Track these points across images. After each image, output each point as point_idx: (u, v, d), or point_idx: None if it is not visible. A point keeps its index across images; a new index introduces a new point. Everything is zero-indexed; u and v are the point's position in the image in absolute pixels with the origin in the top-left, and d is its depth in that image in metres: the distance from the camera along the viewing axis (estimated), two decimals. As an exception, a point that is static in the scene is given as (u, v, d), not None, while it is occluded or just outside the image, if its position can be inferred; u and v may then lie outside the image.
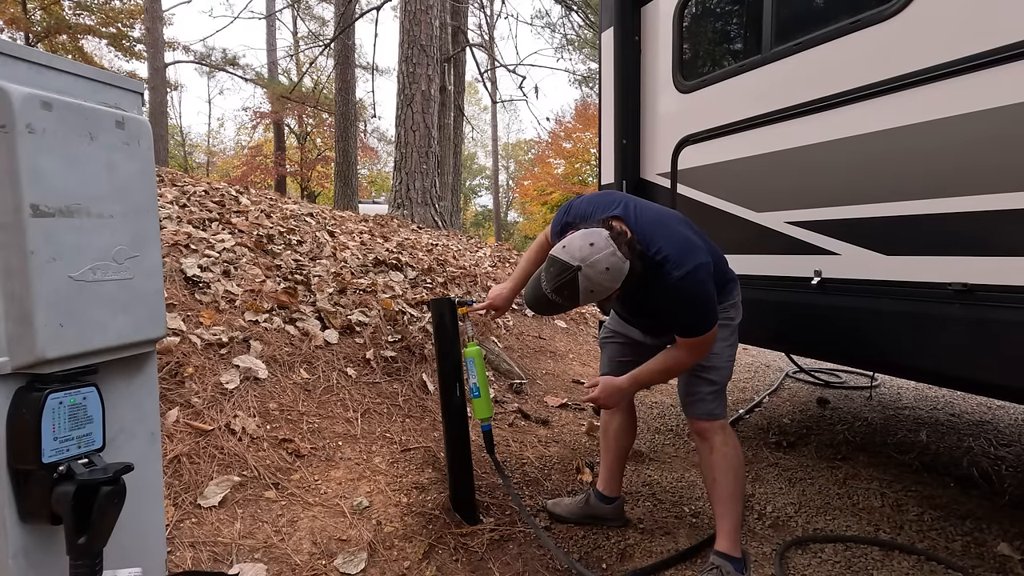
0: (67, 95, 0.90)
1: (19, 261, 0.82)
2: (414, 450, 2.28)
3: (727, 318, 1.76)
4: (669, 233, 1.59)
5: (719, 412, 1.77)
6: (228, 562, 1.55)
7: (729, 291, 1.78)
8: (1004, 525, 2.05)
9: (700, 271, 1.53)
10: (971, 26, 1.56)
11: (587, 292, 1.43)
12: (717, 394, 1.77)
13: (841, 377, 4.23)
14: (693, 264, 1.52)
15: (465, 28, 12.17)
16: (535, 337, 4.17)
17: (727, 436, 1.76)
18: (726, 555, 1.70)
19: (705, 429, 1.77)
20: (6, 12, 13.94)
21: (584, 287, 1.41)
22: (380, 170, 29.94)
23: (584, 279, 1.40)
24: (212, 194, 4.30)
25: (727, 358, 1.78)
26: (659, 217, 1.66)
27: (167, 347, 2.14)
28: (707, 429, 1.76)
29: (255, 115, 22.64)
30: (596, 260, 1.40)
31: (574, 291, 1.42)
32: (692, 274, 1.51)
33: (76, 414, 0.89)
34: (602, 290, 1.45)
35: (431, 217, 7.11)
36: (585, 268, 1.40)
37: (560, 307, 1.51)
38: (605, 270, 1.40)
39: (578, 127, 23.64)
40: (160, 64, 14.48)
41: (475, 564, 1.75)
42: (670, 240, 1.56)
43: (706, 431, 1.77)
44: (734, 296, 1.80)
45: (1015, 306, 1.48)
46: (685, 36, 2.58)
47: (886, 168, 1.78)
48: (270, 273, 3.10)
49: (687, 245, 1.57)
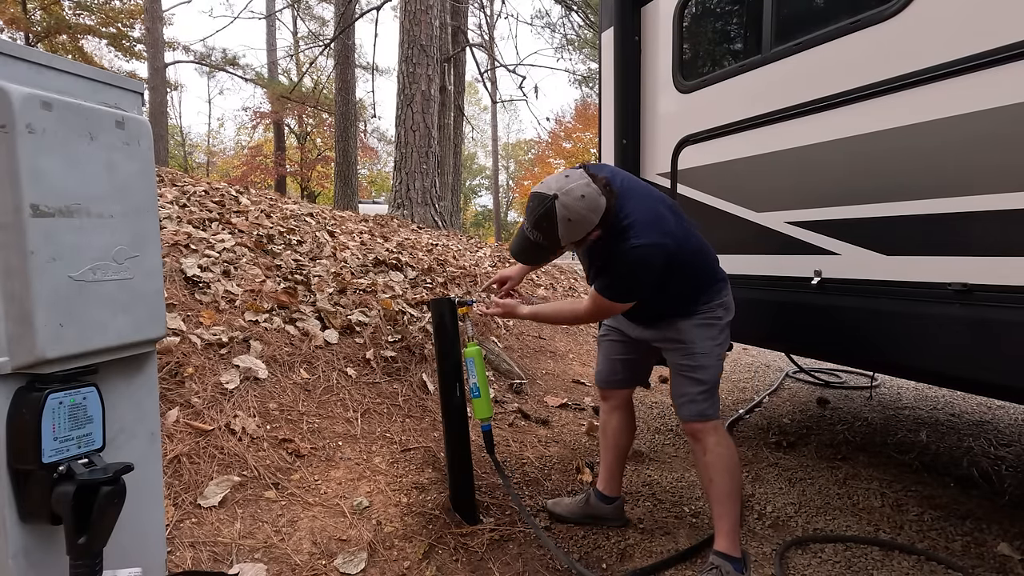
0: (67, 95, 0.90)
1: (19, 261, 0.82)
2: (414, 450, 2.28)
3: (714, 317, 1.75)
4: (644, 206, 1.62)
5: (711, 413, 1.75)
6: (228, 562, 1.55)
7: (718, 290, 1.77)
8: (1004, 525, 2.05)
9: (654, 249, 1.55)
10: (971, 26, 1.56)
11: (564, 221, 1.47)
12: (707, 394, 1.75)
13: (841, 377, 4.23)
14: (650, 240, 1.54)
15: (465, 28, 12.17)
16: (535, 337, 4.18)
17: (720, 436, 1.76)
18: (726, 555, 1.70)
19: (698, 430, 1.76)
20: (6, 12, 13.94)
21: (561, 215, 1.46)
22: (380, 170, 29.95)
23: (561, 207, 1.46)
24: (212, 194, 4.30)
25: (715, 357, 1.76)
26: (644, 191, 1.69)
27: (167, 347, 2.14)
28: (700, 430, 1.76)
29: (255, 115, 22.66)
30: (571, 188, 1.47)
31: (552, 222, 1.47)
32: (644, 248, 1.54)
33: (76, 414, 0.89)
34: (579, 219, 1.48)
35: (431, 217, 7.10)
36: (561, 196, 1.46)
37: (542, 249, 1.56)
38: (580, 197, 1.46)
39: (578, 127, 23.66)
40: (160, 64, 14.49)
41: (475, 564, 1.75)
42: (642, 211, 1.59)
43: (699, 432, 1.76)
44: (722, 296, 1.78)
45: (1015, 306, 1.48)
46: (685, 36, 2.58)
47: (886, 168, 1.78)
48: (270, 273, 3.10)
49: (656, 221, 1.59)
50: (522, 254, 1.63)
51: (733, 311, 1.82)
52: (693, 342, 1.74)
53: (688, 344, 1.75)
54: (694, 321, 1.74)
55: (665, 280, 1.62)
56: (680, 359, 1.78)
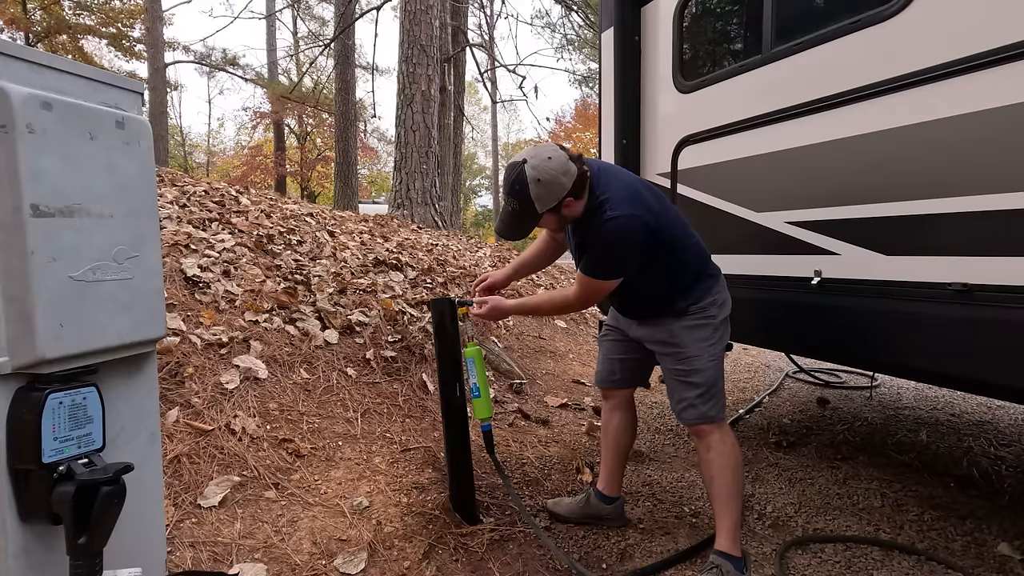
0: (67, 95, 0.90)
1: (19, 261, 0.82)
2: (414, 450, 2.28)
3: (706, 317, 1.73)
4: (621, 184, 1.65)
5: (713, 414, 1.73)
6: (228, 562, 1.55)
7: (708, 287, 1.75)
8: (1004, 525, 2.05)
9: (632, 220, 1.56)
10: (971, 26, 1.56)
11: (535, 182, 1.53)
12: (705, 396, 1.72)
13: (841, 377, 4.23)
14: (625, 211, 1.56)
15: (465, 28, 12.17)
16: (535, 337, 4.18)
17: (724, 435, 1.75)
18: (726, 554, 1.70)
19: (702, 431, 1.75)
20: (6, 12, 13.94)
21: (531, 176, 1.53)
22: (380, 170, 29.94)
23: (530, 168, 1.54)
24: (212, 194, 4.29)
25: (709, 357, 1.73)
26: (622, 174, 1.73)
27: (167, 347, 2.14)
28: (703, 431, 1.75)
29: (255, 115, 22.67)
30: (539, 151, 1.56)
31: (524, 184, 1.54)
32: (621, 219, 1.56)
33: (76, 414, 0.89)
34: (548, 179, 1.53)
35: (431, 217, 7.10)
36: (530, 159, 1.55)
37: (519, 217, 1.60)
38: (548, 158, 1.54)
39: (578, 127, 23.66)
40: (160, 64, 14.49)
41: (475, 564, 1.75)
42: (618, 188, 1.63)
43: (703, 432, 1.75)
44: (714, 293, 1.75)
45: (1015, 306, 1.48)
46: (685, 36, 2.58)
47: (886, 168, 1.78)
48: (270, 273, 3.10)
49: (632, 196, 1.62)
50: (504, 229, 1.66)
51: (729, 307, 1.80)
52: (685, 346, 1.73)
53: (680, 348, 1.74)
54: (685, 323, 1.73)
55: (649, 261, 1.63)
56: (673, 364, 1.77)
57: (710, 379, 1.73)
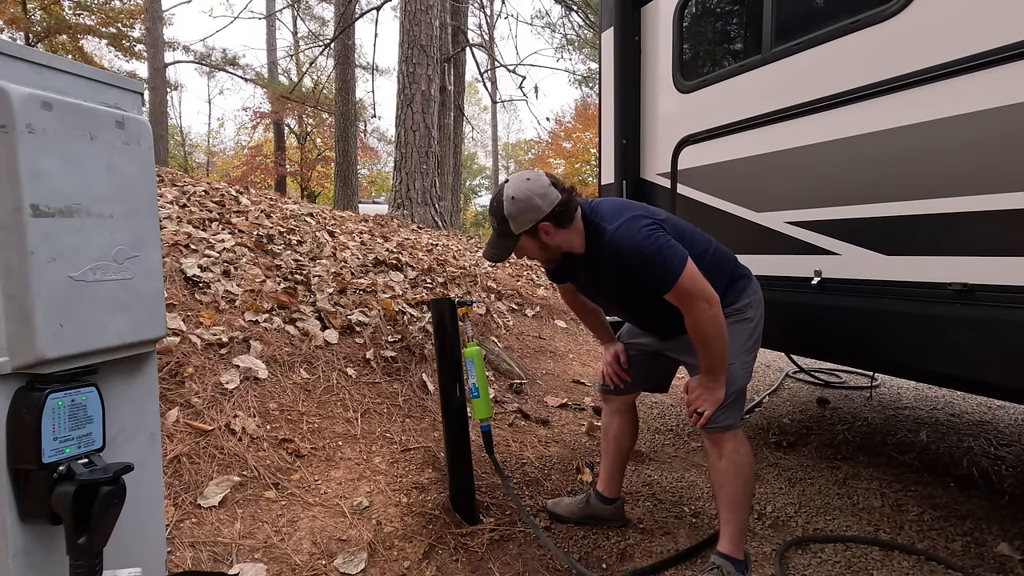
0: (67, 95, 0.90)
1: (19, 261, 0.82)
2: (414, 450, 2.28)
3: (744, 317, 1.68)
4: (613, 203, 1.68)
5: (732, 423, 1.68)
6: (228, 562, 1.55)
7: (742, 289, 1.71)
8: (1004, 525, 2.05)
9: (635, 221, 1.56)
10: (971, 26, 1.56)
11: (509, 199, 1.56)
12: (728, 404, 1.65)
13: (841, 377, 4.23)
14: (626, 217, 1.57)
15: (465, 28, 12.18)
16: (535, 337, 4.17)
17: (739, 443, 1.69)
18: (728, 556, 1.69)
19: (718, 439, 1.70)
20: (6, 12, 13.94)
21: (507, 193, 1.56)
22: (380, 170, 29.93)
23: (508, 187, 1.58)
24: (212, 194, 4.30)
25: (742, 365, 1.66)
26: (614, 199, 1.75)
27: (167, 347, 2.14)
28: (719, 439, 1.70)
29: (255, 115, 22.65)
30: (522, 172, 1.61)
31: (500, 202, 1.57)
32: (625, 224, 1.55)
33: (76, 414, 0.89)
34: (522, 198, 1.54)
35: (431, 217, 7.10)
36: (511, 179, 1.60)
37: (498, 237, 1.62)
38: (527, 179, 1.57)
39: (578, 127, 23.64)
40: (160, 64, 14.49)
41: (475, 564, 1.75)
42: (611, 205, 1.65)
43: (718, 440, 1.70)
44: (749, 294, 1.71)
45: (1015, 306, 1.48)
46: (685, 36, 2.58)
47: (886, 168, 1.78)
48: (270, 273, 3.10)
49: (626, 206, 1.65)
50: (487, 248, 1.67)
51: (763, 309, 1.75)
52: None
53: None
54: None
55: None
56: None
57: (738, 388, 1.67)
